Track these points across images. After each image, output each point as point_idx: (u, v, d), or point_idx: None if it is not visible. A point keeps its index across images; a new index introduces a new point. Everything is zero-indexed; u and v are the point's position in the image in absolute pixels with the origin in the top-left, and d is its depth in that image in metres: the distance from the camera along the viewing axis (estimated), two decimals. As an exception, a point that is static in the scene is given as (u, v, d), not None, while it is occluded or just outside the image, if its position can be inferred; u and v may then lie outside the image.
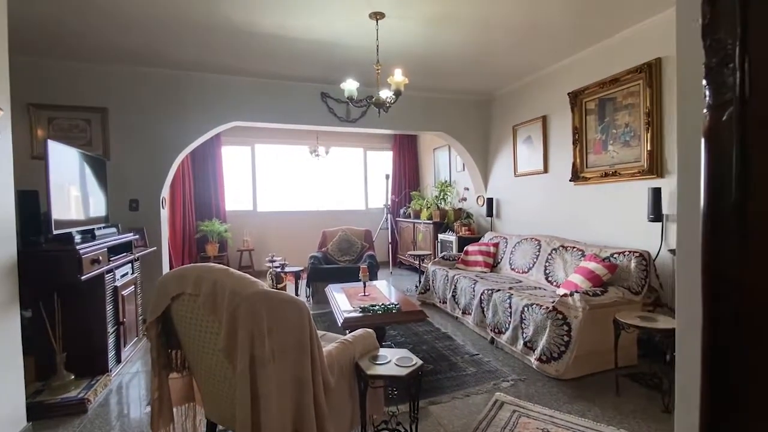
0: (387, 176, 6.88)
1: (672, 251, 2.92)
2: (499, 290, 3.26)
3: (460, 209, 5.82)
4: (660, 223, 3.02)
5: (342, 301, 3.14)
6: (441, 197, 6.19)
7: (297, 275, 4.61)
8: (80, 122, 3.78)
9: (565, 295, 2.68)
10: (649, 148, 3.10)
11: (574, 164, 3.83)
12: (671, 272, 2.94)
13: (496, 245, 4.44)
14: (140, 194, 4.04)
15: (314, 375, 1.55)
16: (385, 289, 3.51)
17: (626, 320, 2.34)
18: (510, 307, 3.00)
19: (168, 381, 1.82)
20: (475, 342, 3.32)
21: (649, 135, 3.10)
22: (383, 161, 7.62)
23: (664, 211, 3.00)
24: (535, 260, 3.78)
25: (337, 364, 1.75)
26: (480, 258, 4.36)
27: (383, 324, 2.81)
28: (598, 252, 3.18)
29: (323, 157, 6.33)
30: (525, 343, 2.81)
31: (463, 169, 5.92)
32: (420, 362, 1.84)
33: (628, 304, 2.72)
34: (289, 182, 7.19)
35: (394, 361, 1.84)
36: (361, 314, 2.74)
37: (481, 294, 3.39)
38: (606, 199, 3.55)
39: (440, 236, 5.65)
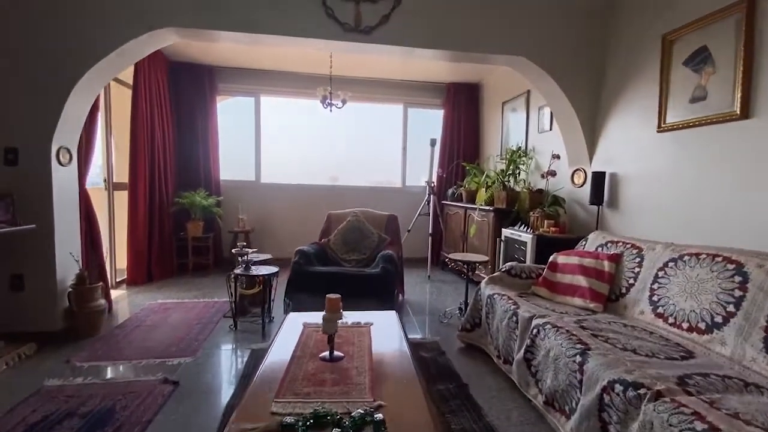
0: (433, 141, 4.89)
1: None
2: (661, 399, 1.25)
3: (540, 191, 3.70)
4: None
5: (267, 371, 1.36)
6: (510, 171, 4.09)
7: (268, 280, 2.91)
8: None
9: None
10: None
11: None
12: None
13: (615, 258, 2.34)
14: (20, 140, 2.56)
15: None
16: (387, 342, 1.68)
17: None
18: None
19: None
20: (579, 501, 1.38)
21: None
22: (432, 122, 5.60)
23: None
24: (731, 307, 1.67)
25: None
26: (582, 281, 2.31)
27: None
28: None
29: (339, 109, 4.43)
30: None
31: (550, 129, 3.77)
32: None
33: None
34: (305, 148, 5.51)
35: None
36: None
37: (603, 388, 1.41)
38: None
39: (505, 232, 3.60)
